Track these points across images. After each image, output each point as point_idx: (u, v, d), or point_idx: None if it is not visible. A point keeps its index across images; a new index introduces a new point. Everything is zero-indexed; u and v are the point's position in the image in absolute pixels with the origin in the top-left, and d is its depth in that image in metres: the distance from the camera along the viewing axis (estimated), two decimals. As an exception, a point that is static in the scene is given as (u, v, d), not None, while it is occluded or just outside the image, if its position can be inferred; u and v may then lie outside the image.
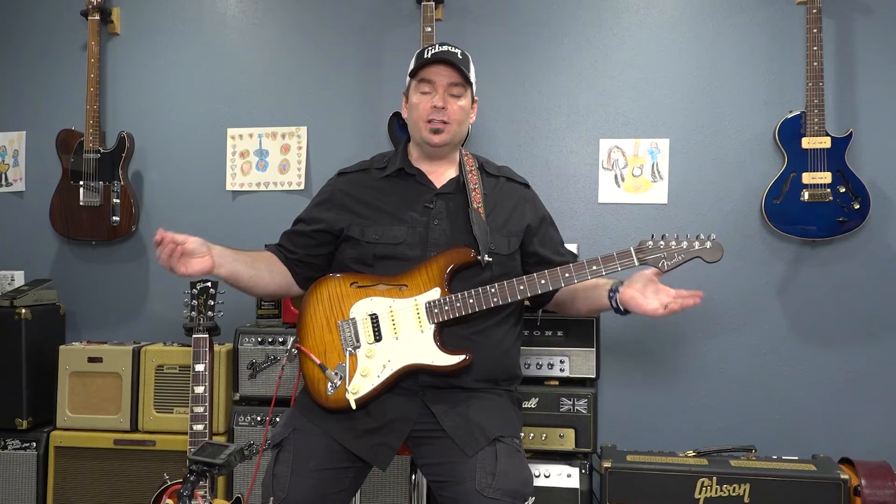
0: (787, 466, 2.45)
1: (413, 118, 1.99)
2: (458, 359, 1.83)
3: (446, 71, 1.93)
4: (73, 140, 3.15)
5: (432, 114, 1.94)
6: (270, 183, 3.20)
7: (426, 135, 1.95)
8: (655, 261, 1.86)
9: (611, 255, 1.86)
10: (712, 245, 1.86)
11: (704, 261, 1.87)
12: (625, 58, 3.01)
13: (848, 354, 2.86)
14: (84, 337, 3.22)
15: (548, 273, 1.86)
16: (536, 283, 1.86)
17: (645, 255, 1.86)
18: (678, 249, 1.86)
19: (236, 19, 3.26)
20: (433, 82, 1.94)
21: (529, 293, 1.86)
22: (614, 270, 1.86)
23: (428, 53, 1.96)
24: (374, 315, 1.88)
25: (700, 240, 1.87)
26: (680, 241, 1.87)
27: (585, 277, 1.86)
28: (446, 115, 1.94)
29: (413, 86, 1.99)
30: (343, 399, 1.83)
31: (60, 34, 3.33)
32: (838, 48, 2.86)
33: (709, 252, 1.86)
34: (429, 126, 1.94)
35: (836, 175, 2.71)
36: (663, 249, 1.86)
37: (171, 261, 1.82)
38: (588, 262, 1.86)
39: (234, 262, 1.93)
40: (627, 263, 1.86)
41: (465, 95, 1.97)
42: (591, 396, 2.59)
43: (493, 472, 1.74)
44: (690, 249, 1.86)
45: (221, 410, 2.79)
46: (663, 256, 1.86)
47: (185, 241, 1.83)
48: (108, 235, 3.15)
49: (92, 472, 2.81)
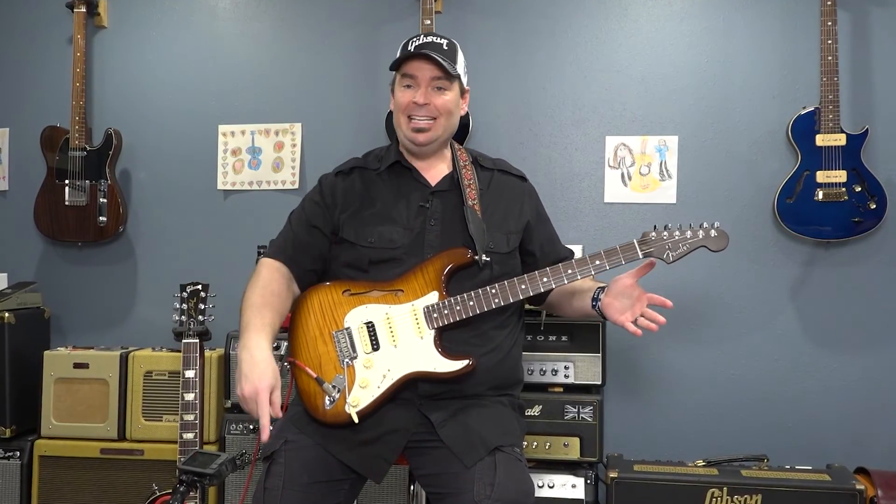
0: (800, 476, 2.45)
1: (396, 113, 1.98)
2: (460, 364, 1.83)
3: (428, 65, 1.91)
4: (58, 137, 3.15)
5: (413, 110, 1.92)
6: (263, 182, 3.21)
7: (409, 133, 1.94)
8: (660, 252, 1.86)
9: (614, 248, 1.86)
10: (717, 233, 1.87)
11: (710, 250, 1.87)
12: (632, 51, 3.01)
13: (864, 360, 2.86)
14: (70, 342, 3.22)
15: (549, 270, 1.87)
16: (538, 281, 1.86)
17: (649, 246, 1.86)
18: (682, 239, 1.86)
19: (228, 11, 3.27)
20: (415, 77, 1.92)
21: (532, 292, 1.86)
22: (618, 264, 1.86)
23: (411, 46, 1.93)
24: (371, 323, 1.87)
25: (704, 228, 1.87)
26: (684, 231, 1.87)
27: (589, 273, 1.87)
28: (429, 111, 1.92)
29: (396, 79, 1.98)
30: (343, 413, 1.81)
31: (45, 27, 3.34)
32: (854, 42, 2.87)
33: (714, 240, 1.87)
34: (410, 125, 1.93)
35: (851, 174, 2.71)
36: (667, 240, 1.87)
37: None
38: (591, 256, 1.87)
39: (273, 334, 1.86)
40: (631, 256, 1.86)
41: (450, 89, 1.94)
42: (596, 404, 2.60)
43: (491, 482, 1.74)
44: (695, 239, 1.87)
45: (212, 418, 2.79)
46: (668, 247, 1.86)
47: (275, 398, 1.75)
48: (95, 236, 3.16)
49: (78, 483, 2.81)
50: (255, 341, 1.79)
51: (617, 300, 1.90)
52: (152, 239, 3.27)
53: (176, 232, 3.26)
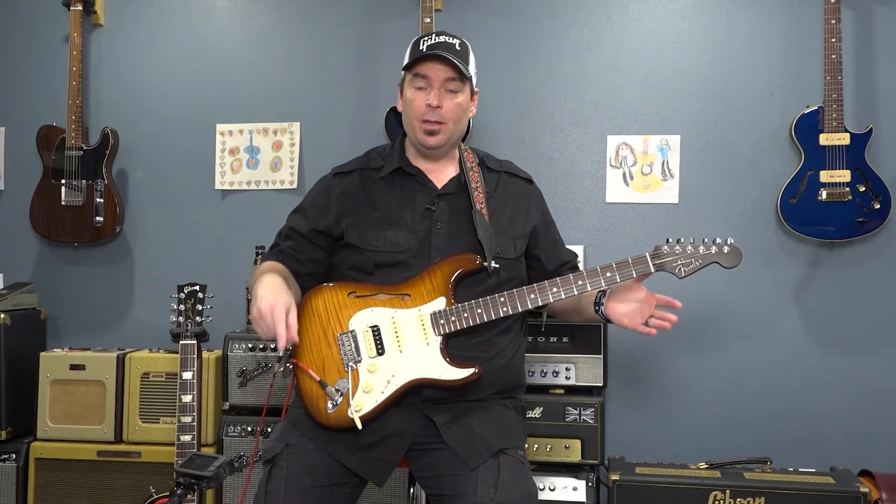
0: (803, 479, 2.45)
1: (407, 115, 1.96)
2: (466, 373, 1.82)
3: (442, 66, 1.90)
4: (54, 136, 3.15)
5: (427, 113, 1.91)
6: (262, 182, 3.21)
7: (420, 136, 1.93)
8: (672, 267, 1.86)
9: (626, 260, 1.86)
10: (730, 249, 1.87)
11: (722, 266, 1.87)
12: (634, 50, 3.02)
13: (868, 361, 2.86)
14: (66, 343, 3.22)
15: (560, 280, 1.85)
16: (548, 291, 1.85)
17: (661, 260, 1.86)
18: (695, 255, 1.86)
19: (226, 9, 3.27)
20: (428, 77, 1.91)
21: (541, 302, 1.85)
22: (629, 277, 1.85)
23: (423, 45, 1.92)
24: (376, 327, 1.85)
25: (718, 244, 1.87)
26: (696, 246, 1.87)
27: (599, 284, 1.86)
28: (441, 114, 1.90)
29: (407, 80, 1.96)
30: (345, 417, 1.80)
31: (41, 25, 3.33)
32: (858, 40, 2.87)
33: (727, 257, 1.87)
34: (423, 126, 1.92)
35: (855, 173, 2.71)
36: (680, 255, 1.86)
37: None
38: (602, 268, 1.86)
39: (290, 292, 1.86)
40: (643, 270, 1.85)
41: (462, 90, 1.94)
42: (598, 405, 2.60)
43: (495, 485, 1.74)
44: (708, 254, 1.86)
45: (210, 420, 2.79)
46: (680, 263, 1.86)
47: (291, 318, 1.75)
48: (92, 237, 3.16)
49: (74, 485, 2.81)
50: (270, 278, 1.83)
51: (622, 304, 1.90)
52: (149, 239, 3.27)
53: (173, 232, 3.26)
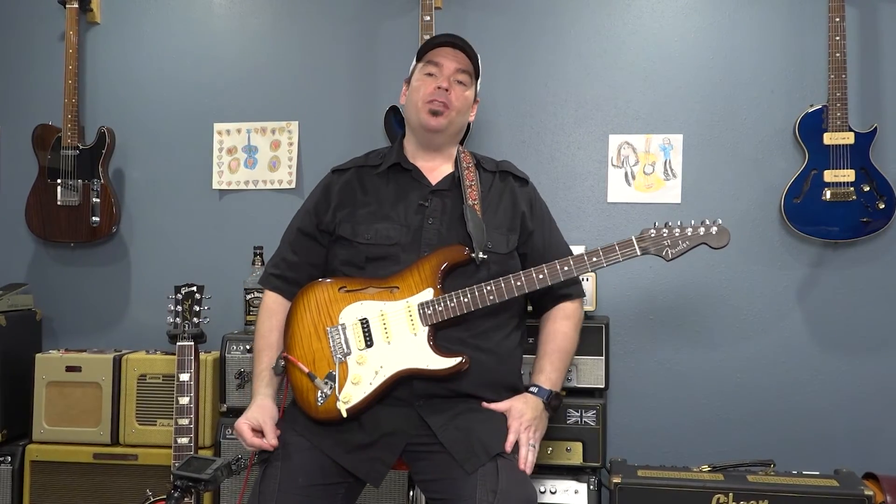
0: (807, 482, 2.44)
1: (412, 100, 2.01)
2: (453, 361, 1.84)
3: (456, 55, 1.97)
4: (49, 136, 3.15)
5: (434, 94, 1.96)
6: (260, 181, 3.21)
7: (424, 116, 1.97)
8: (659, 249, 1.88)
9: (611, 245, 1.89)
10: (718, 230, 1.88)
11: (710, 247, 1.89)
12: (636, 48, 3.01)
13: (872, 363, 2.86)
14: (62, 344, 3.22)
15: (545, 267, 1.89)
16: (534, 277, 1.88)
17: (647, 243, 1.88)
18: (682, 236, 1.88)
19: (223, 7, 3.27)
20: (440, 65, 1.98)
21: (527, 288, 1.87)
22: (615, 261, 1.88)
23: (437, 40, 2.01)
24: (365, 319, 1.89)
25: (705, 225, 1.89)
26: (684, 228, 1.89)
27: (585, 270, 1.89)
28: (448, 98, 1.96)
29: (418, 69, 2.02)
30: (333, 409, 1.84)
31: (36, 23, 3.33)
32: (862, 38, 2.86)
33: (714, 237, 1.88)
34: (429, 106, 1.96)
35: (859, 173, 2.71)
36: (666, 237, 1.89)
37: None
38: (588, 253, 1.89)
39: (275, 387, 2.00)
40: (629, 253, 1.88)
41: (470, 87, 2.02)
42: (599, 408, 2.59)
43: (494, 489, 1.74)
44: (696, 235, 1.88)
45: (207, 423, 2.79)
46: (666, 244, 1.88)
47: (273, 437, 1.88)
48: (88, 237, 3.15)
49: (70, 488, 2.80)
50: (261, 399, 1.96)
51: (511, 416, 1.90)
52: (146, 239, 3.27)
53: (170, 232, 3.26)
